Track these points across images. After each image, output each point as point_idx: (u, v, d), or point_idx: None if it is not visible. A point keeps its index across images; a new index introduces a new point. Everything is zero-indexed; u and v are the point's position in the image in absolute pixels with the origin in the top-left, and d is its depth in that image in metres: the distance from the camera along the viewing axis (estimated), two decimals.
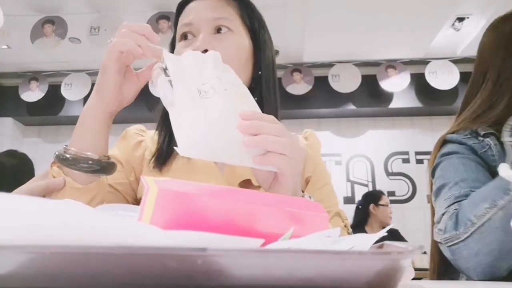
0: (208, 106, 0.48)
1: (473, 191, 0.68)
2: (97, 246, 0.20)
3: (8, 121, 4.31)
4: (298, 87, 3.98)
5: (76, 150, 0.58)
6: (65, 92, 4.03)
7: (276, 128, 0.49)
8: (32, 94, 4.11)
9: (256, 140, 0.48)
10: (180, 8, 0.73)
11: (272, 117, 0.51)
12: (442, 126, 4.13)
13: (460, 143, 0.80)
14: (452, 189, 0.72)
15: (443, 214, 0.69)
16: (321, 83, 3.98)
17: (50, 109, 4.20)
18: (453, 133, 0.85)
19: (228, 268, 0.21)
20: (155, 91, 0.53)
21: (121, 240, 0.21)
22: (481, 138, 0.78)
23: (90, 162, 0.58)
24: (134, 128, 0.79)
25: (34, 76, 4.15)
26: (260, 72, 0.72)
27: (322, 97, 4.06)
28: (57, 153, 0.58)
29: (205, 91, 0.49)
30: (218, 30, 0.68)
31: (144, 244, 0.21)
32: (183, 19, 0.70)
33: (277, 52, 3.77)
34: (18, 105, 4.21)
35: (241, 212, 0.31)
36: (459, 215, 0.65)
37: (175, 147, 0.45)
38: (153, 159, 0.71)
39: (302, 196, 0.56)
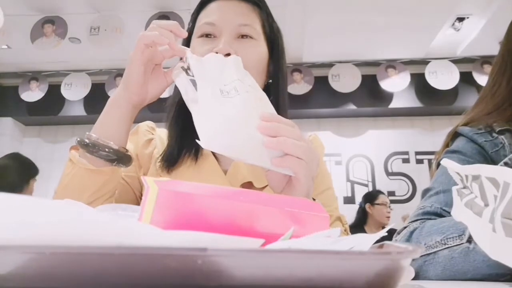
0: (230, 105, 0.50)
1: (444, 209, 0.66)
2: (97, 246, 0.20)
3: (8, 121, 4.31)
4: (298, 87, 3.98)
5: (97, 137, 0.59)
6: (65, 92, 4.03)
7: (294, 132, 0.51)
8: (32, 94, 4.11)
9: (275, 142, 0.49)
10: (202, 4, 0.73)
11: (291, 121, 0.53)
12: (442, 126, 4.14)
13: (471, 139, 0.73)
14: (430, 198, 0.69)
15: (405, 227, 0.67)
16: (321, 83, 3.98)
17: (50, 109, 4.20)
18: (466, 124, 0.77)
19: (228, 268, 0.21)
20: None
21: (121, 240, 0.21)
22: (495, 135, 0.71)
23: (107, 150, 0.59)
24: (145, 124, 0.80)
25: (34, 76, 4.15)
26: (272, 80, 0.73)
27: (322, 97, 4.06)
28: (78, 138, 0.60)
29: (227, 91, 0.51)
30: (241, 36, 0.69)
31: (144, 244, 0.21)
32: (205, 18, 0.70)
33: None
34: (18, 105, 4.21)
35: (241, 212, 0.31)
36: (413, 235, 0.64)
37: (197, 140, 0.46)
38: (161, 159, 0.72)
39: None
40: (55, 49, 3.26)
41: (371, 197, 3.20)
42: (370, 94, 4.06)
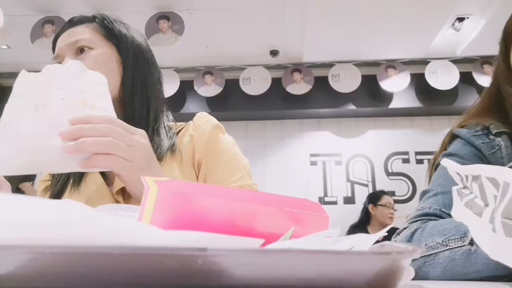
0: (35, 122, 0.47)
1: (443, 211, 0.66)
2: (97, 246, 0.20)
3: None
4: (298, 87, 3.98)
5: None
6: None
7: (99, 129, 0.49)
8: None
9: (74, 146, 0.47)
10: (54, 44, 0.79)
11: (107, 118, 0.51)
12: (442, 126, 4.13)
13: (468, 141, 0.74)
14: (429, 199, 0.69)
15: (405, 228, 0.67)
16: (321, 83, 3.97)
17: None
18: (463, 127, 0.78)
19: (228, 268, 0.21)
20: None
21: (121, 240, 0.21)
22: (492, 137, 0.72)
23: None
24: (43, 176, 0.84)
25: None
26: (128, 81, 0.74)
27: (322, 97, 4.06)
28: None
29: (43, 104, 0.49)
30: (81, 51, 0.73)
31: (144, 244, 0.21)
32: (53, 55, 0.77)
33: (277, 52, 3.77)
34: None
35: (241, 212, 0.31)
36: (415, 236, 0.64)
37: None
38: (47, 190, 0.77)
39: None
40: None
41: (374, 197, 3.19)
42: (370, 94, 4.06)
